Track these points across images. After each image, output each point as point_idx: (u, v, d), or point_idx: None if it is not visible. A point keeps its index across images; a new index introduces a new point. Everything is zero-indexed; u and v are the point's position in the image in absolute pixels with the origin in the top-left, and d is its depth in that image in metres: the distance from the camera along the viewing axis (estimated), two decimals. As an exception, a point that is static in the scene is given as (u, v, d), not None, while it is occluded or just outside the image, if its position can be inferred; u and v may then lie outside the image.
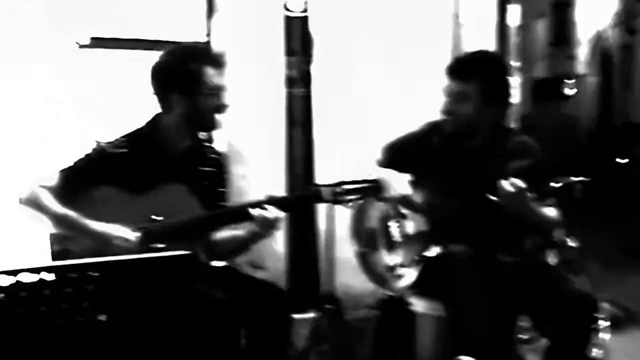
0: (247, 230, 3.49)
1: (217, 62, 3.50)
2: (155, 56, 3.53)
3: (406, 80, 5.30)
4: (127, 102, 4.64)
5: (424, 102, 5.03)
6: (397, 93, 5.27)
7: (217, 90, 3.47)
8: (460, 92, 3.75)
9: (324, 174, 4.92)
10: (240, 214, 3.43)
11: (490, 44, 5.68)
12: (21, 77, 4.49)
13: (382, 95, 5.27)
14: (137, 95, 4.35)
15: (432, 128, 4.01)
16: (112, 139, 3.51)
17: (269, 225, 3.38)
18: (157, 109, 3.54)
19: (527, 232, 3.99)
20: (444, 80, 3.88)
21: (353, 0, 5.29)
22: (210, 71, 3.44)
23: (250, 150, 5.16)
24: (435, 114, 4.15)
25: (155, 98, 3.53)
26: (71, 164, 3.44)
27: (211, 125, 3.58)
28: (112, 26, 4.78)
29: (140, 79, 3.40)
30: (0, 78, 4.49)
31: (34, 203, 3.34)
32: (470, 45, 5.37)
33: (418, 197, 3.72)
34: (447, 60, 5.10)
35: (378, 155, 4.07)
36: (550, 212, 3.77)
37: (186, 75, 3.42)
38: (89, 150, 3.48)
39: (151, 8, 4.83)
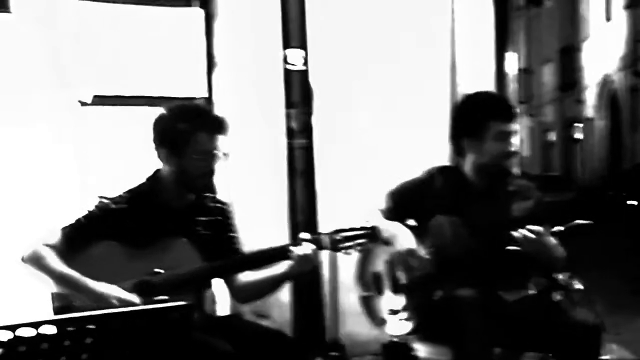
0: (282, 270, 3.51)
1: (213, 126, 3.47)
2: (157, 112, 3.55)
3: (406, 128, 5.35)
4: (130, 158, 4.70)
5: (424, 149, 5.12)
6: (398, 141, 5.32)
7: (206, 155, 3.44)
8: (515, 132, 3.85)
9: (327, 223, 4.95)
10: (277, 254, 3.47)
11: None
12: (24, 136, 4.56)
13: (382, 143, 5.32)
14: (140, 152, 4.41)
15: (436, 173, 4.05)
16: (114, 195, 3.52)
17: (308, 262, 3.41)
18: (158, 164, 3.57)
19: (533, 272, 4.03)
20: (442, 126, 3.94)
21: (352, 52, 5.35)
22: (202, 135, 3.41)
23: (254, 200, 5.20)
24: (436, 160, 4.20)
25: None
26: (74, 220, 3.46)
27: (197, 188, 3.57)
28: (115, 84, 4.84)
29: (142, 135, 3.43)
30: (4, 137, 4.56)
31: (36, 262, 3.35)
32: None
33: (421, 249, 3.74)
34: (446, 108, 5.19)
35: (382, 202, 4.10)
36: (560, 251, 3.81)
37: (174, 134, 3.42)
38: (92, 207, 3.49)
39: (152, 65, 4.91)
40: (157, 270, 3.39)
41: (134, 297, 3.30)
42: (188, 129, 3.40)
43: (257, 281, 3.61)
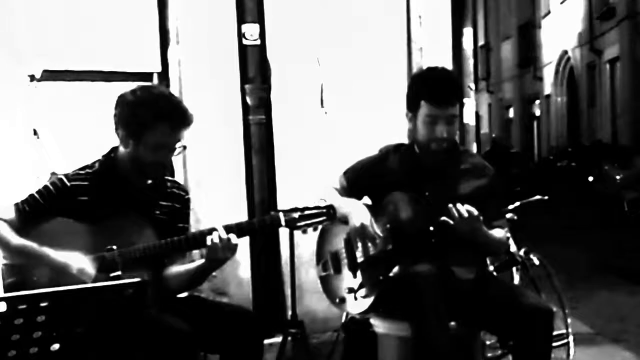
0: (201, 261, 3.45)
1: (175, 120, 3.34)
2: (108, 88, 3.46)
3: (364, 103, 5.33)
4: (84, 134, 4.62)
5: (383, 127, 5.11)
6: (356, 117, 5.30)
7: (163, 148, 3.37)
8: (452, 115, 3.79)
9: (286, 199, 4.93)
10: (196, 241, 3.40)
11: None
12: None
13: (341, 120, 5.30)
14: (92, 127, 4.35)
15: (391, 150, 4.05)
16: (70, 171, 3.46)
17: (223, 252, 3.32)
18: (111, 140, 3.49)
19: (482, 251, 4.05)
20: (401, 104, 3.93)
21: (311, 28, 5.31)
22: (162, 127, 3.31)
23: (212, 177, 5.16)
24: (393, 137, 4.20)
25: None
26: (27, 196, 3.40)
27: (150, 175, 3.49)
28: (66, 58, 4.74)
29: (93, 110, 3.36)
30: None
31: None
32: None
33: (377, 225, 3.74)
34: (403, 84, 5.17)
35: (337, 181, 4.09)
36: (499, 233, 3.81)
37: (133, 120, 3.33)
38: (47, 183, 3.43)
39: (105, 39, 4.81)
40: (111, 247, 3.34)
41: (93, 270, 3.25)
42: (149, 118, 3.30)
43: (178, 273, 3.54)
